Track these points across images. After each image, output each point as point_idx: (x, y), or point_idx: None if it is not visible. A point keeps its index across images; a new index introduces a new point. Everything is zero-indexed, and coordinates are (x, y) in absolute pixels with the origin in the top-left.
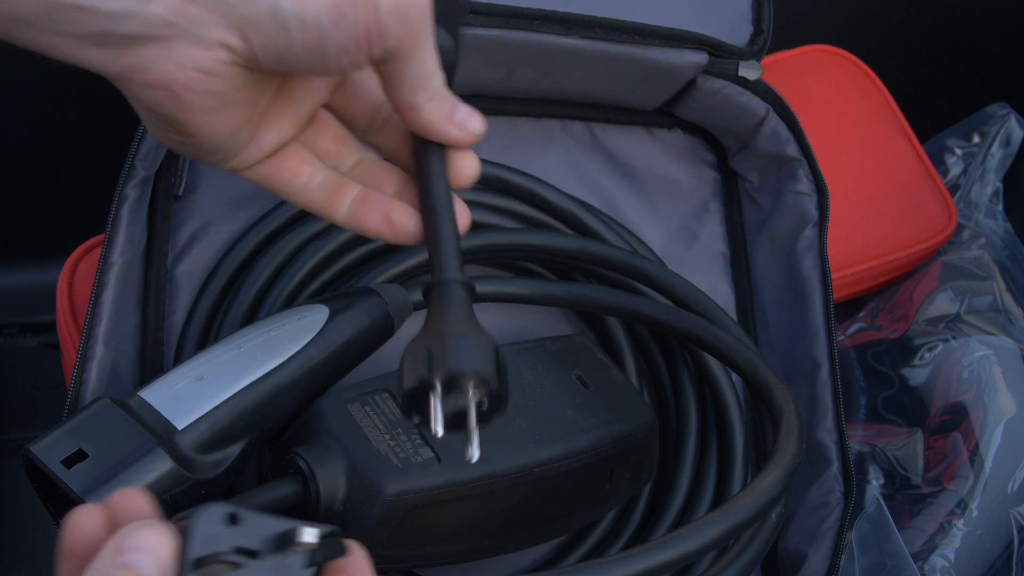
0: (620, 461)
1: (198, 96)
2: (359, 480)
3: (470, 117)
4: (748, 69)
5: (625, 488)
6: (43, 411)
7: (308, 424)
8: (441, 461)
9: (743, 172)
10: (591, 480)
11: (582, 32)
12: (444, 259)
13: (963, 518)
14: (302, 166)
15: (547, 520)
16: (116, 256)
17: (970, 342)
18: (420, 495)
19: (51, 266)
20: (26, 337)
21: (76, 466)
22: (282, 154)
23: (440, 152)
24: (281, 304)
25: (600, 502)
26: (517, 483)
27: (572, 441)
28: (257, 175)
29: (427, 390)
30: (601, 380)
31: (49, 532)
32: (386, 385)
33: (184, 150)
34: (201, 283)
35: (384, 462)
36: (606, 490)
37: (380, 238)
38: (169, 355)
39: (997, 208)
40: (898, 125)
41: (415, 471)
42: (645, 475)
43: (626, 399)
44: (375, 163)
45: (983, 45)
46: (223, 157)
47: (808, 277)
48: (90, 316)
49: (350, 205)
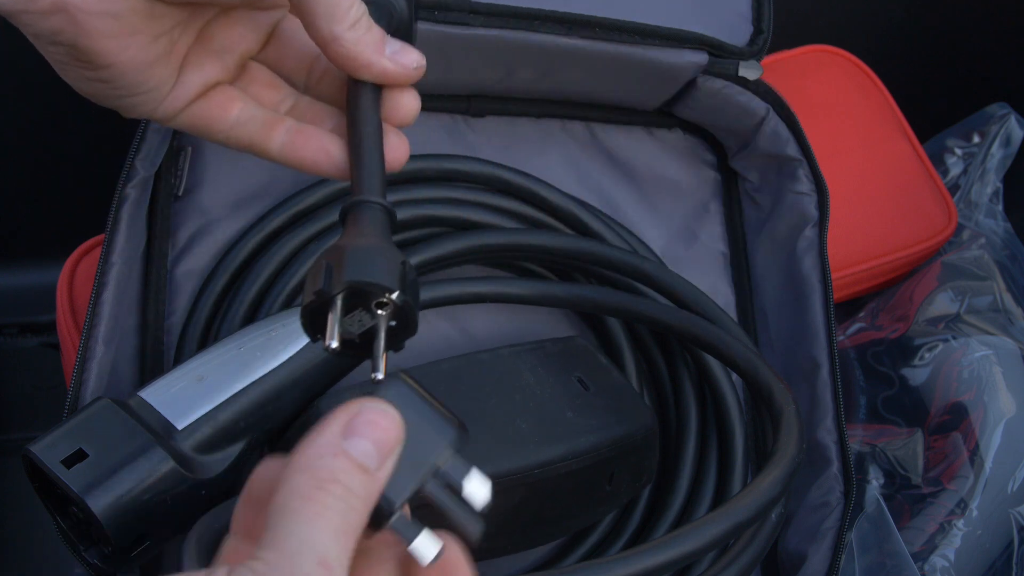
0: (620, 463)
1: (95, 18)
2: None
3: (403, 50)
4: (748, 69)
5: (625, 490)
6: (43, 411)
7: (308, 425)
8: None
9: (743, 172)
10: (591, 482)
11: (582, 32)
12: (363, 181)
13: (963, 518)
14: (232, 103)
15: (547, 521)
16: (116, 256)
17: (970, 342)
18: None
19: (51, 266)
20: (26, 337)
21: (76, 466)
22: (210, 94)
23: (372, 86)
24: (281, 304)
25: (600, 504)
26: (516, 484)
27: (572, 442)
28: (187, 120)
29: (326, 304)
30: (601, 382)
31: (49, 532)
32: None
33: (102, 91)
34: (201, 283)
35: None
36: (606, 492)
37: (316, 171)
38: (169, 355)
39: (997, 208)
40: (898, 125)
41: None
42: (645, 477)
43: (626, 401)
44: (312, 103)
45: (983, 45)
46: (145, 100)
47: (808, 277)
48: (90, 316)
49: (285, 137)
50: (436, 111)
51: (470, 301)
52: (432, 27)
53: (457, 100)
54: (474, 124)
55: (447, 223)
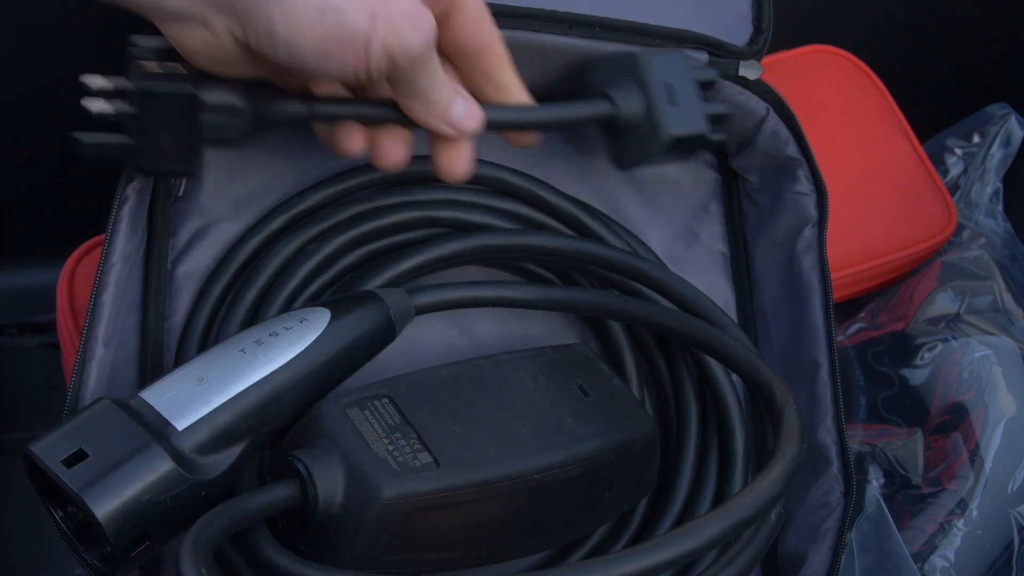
0: (620, 470)
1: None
2: (357, 483)
3: (467, 115)
4: (748, 69)
5: (625, 498)
6: (43, 411)
7: (307, 427)
8: (440, 466)
9: (743, 172)
10: (591, 488)
11: (582, 32)
12: None
13: (963, 518)
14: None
15: (546, 528)
16: (116, 257)
17: (970, 342)
18: (418, 499)
19: (51, 266)
20: (26, 337)
21: (76, 466)
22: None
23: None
24: (281, 305)
25: (600, 511)
26: (516, 489)
27: (572, 448)
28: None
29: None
30: (602, 389)
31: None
32: (386, 391)
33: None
34: (201, 284)
35: (382, 466)
36: (606, 499)
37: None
38: (169, 356)
39: (997, 208)
40: (898, 125)
41: (413, 475)
42: (645, 485)
43: (627, 408)
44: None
45: (983, 45)
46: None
47: (808, 277)
48: (90, 316)
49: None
50: None
51: (471, 306)
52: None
53: None
54: None
55: (447, 224)
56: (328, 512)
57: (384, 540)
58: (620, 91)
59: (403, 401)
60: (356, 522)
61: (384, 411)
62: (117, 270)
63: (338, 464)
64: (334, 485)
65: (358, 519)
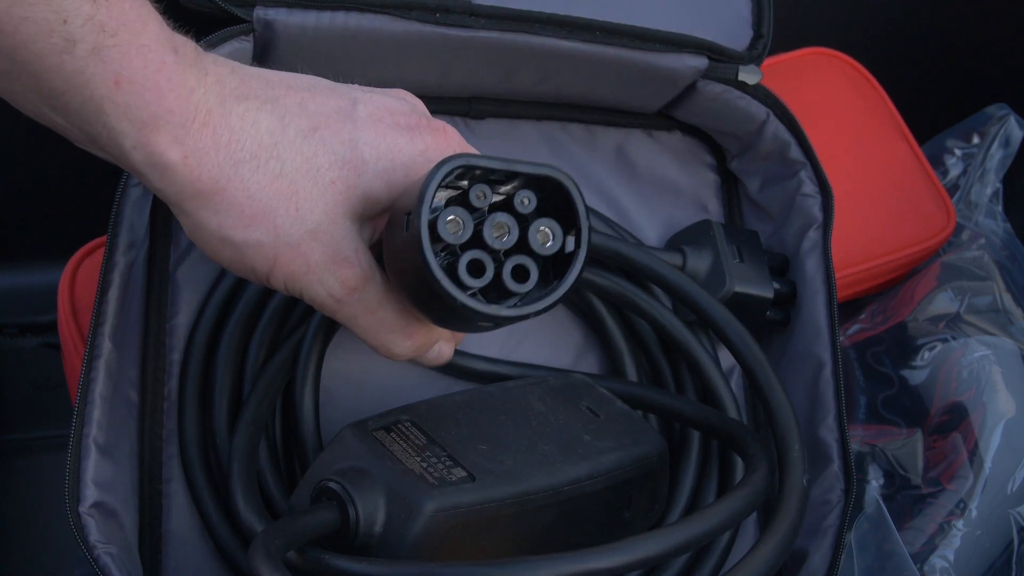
0: (637, 486)
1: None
2: (398, 501)
3: (438, 356)
4: (748, 73)
5: (641, 518)
6: (43, 411)
7: (335, 452)
8: (475, 480)
9: (744, 176)
10: (612, 505)
11: (582, 35)
12: None
13: (963, 518)
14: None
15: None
16: (119, 256)
17: (970, 342)
18: (459, 512)
19: (51, 266)
20: (26, 337)
21: None
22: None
23: None
24: (282, 304)
25: (619, 530)
26: (549, 502)
27: (595, 461)
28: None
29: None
30: (609, 411)
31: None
32: (408, 416)
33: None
34: (201, 285)
35: (421, 481)
36: (624, 518)
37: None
38: (172, 357)
39: (997, 208)
40: (896, 127)
41: (452, 489)
42: (658, 505)
43: (636, 427)
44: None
45: (983, 45)
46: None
47: (812, 278)
48: (96, 314)
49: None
50: (436, 113)
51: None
52: (432, 29)
53: (457, 102)
54: (474, 126)
55: None
56: (370, 532)
57: (428, 558)
58: (693, 248)
59: (425, 424)
60: (399, 539)
61: (410, 433)
62: (120, 268)
63: (376, 483)
64: (375, 504)
65: (402, 536)
